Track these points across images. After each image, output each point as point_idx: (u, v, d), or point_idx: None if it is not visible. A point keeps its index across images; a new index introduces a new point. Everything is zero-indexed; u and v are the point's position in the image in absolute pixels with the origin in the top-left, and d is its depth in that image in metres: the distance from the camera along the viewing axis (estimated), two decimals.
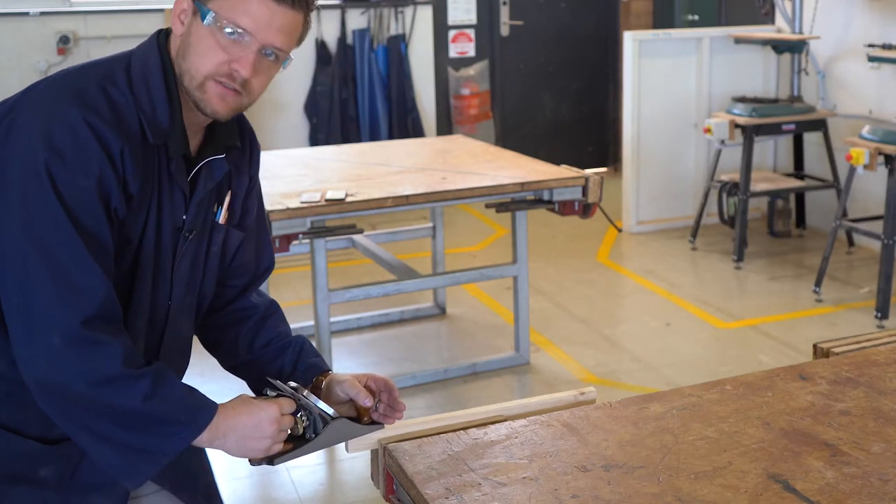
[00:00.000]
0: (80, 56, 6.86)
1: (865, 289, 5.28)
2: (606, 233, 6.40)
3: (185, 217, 1.65)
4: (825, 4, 6.01)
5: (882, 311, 4.78)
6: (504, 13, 7.95)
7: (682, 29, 7.80)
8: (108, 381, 1.48)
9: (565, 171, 4.13)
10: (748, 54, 6.55)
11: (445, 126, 7.74)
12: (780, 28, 6.45)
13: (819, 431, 1.63)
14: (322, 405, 1.65)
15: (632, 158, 6.44)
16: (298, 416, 1.63)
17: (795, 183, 6.17)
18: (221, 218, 1.73)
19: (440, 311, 5.04)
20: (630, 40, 6.30)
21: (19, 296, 1.49)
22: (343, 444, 1.68)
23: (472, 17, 7.82)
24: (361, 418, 1.71)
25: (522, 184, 3.99)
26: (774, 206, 6.26)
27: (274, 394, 1.65)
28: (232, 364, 1.87)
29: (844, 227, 5.29)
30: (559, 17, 8.10)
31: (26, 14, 6.75)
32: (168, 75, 1.60)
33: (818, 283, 5.17)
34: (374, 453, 1.67)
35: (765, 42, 6.23)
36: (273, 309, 1.89)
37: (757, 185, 5.90)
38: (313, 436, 1.64)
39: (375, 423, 1.71)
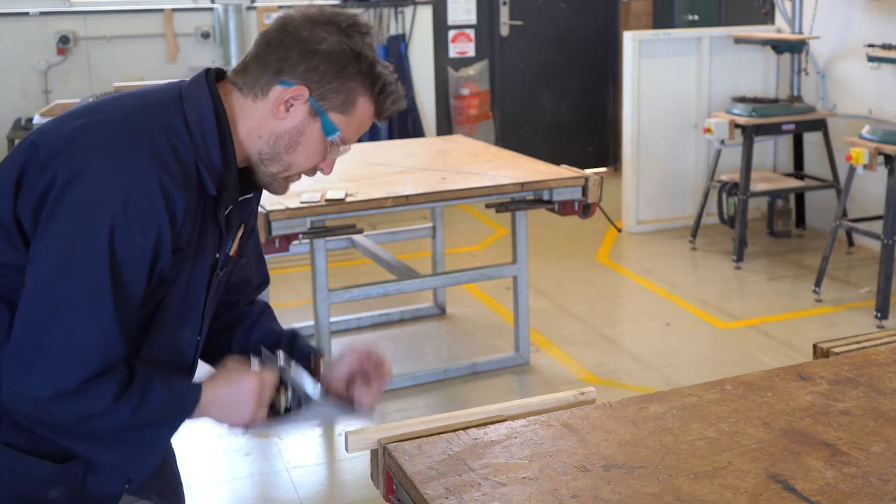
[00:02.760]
0: (80, 56, 6.87)
1: (865, 289, 5.28)
2: (606, 233, 6.40)
3: (218, 256, 1.67)
4: (825, 4, 6.01)
5: (882, 311, 4.78)
6: (504, 13, 7.95)
7: (682, 29, 7.80)
8: (95, 416, 1.50)
9: (565, 171, 4.13)
10: (748, 54, 6.55)
11: (445, 126, 7.74)
12: (780, 28, 6.45)
13: (819, 431, 1.63)
14: (308, 384, 1.68)
15: (632, 158, 6.44)
16: (282, 390, 1.66)
17: (795, 183, 6.17)
18: (232, 250, 1.73)
19: (440, 311, 5.04)
20: (630, 40, 6.30)
21: (31, 334, 1.47)
22: (343, 445, 1.68)
23: (472, 17, 7.82)
24: (353, 401, 1.75)
25: (522, 184, 3.99)
26: (774, 206, 6.26)
27: (259, 366, 1.68)
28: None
29: (844, 227, 5.29)
30: (559, 17, 8.11)
31: (26, 14, 6.75)
32: (222, 126, 1.59)
33: (818, 283, 5.17)
34: (374, 453, 1.67)
35: (765, 42, 6.24)
36: (265, 309, 1.91)
37: (757, 185, 5.90)
38: (293, 412, 1.68)
39: (361, 411, 1.75)
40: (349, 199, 3.73)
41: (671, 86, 6.42)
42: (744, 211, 5.76)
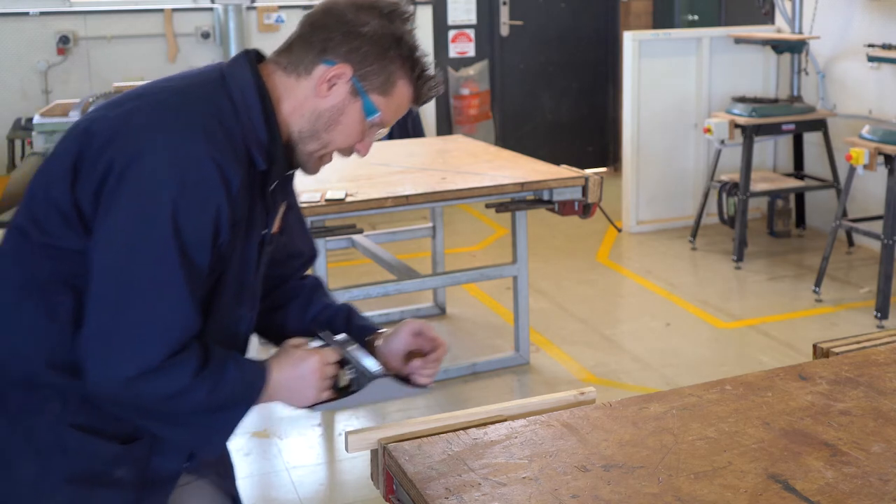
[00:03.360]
0: (80, 56, 6.87)
1: (865, 289, 5.28)
2: (606, 233, 6.40)
3: (265, 232, 1.70)
4: (825, 4, 6.01)
5: (882, 311, 4.78)
6: (504, 13, 7.95)
7: (682, 29, 7.80)
8: (176, 395, 1.53)
9: (565, 171, 4.13)
10: (748, 54, 6.55)
11: (445, 126, 7.74)
12: (780, 28, 6.45)
13: (819, 431, 1.63)
14: (369, 361, 1.72)
15: (632, 158, 6.44)
16: (343, 368, 1.70)
17: (795, 183, 6.17)
18: (275, 227, 1.76)
19: (440, 311, 5.04)
20: (630, 40, 6.30)
21: (109, 317, 1.50)
22: (343, 445, 1.68)
23: (472, 17, 7.82)
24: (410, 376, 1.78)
25: (522, 184, 3.99)
26: (774, 206, 6.26)
27: (319, 344, 1.72)
28: (283, 339, 1.89)
29: (844, 227, 5.28)
30: (559, 17, 8.11)
31: (26, 14, 6.75)
32: (266, 103, 1.62)
33: (818, 283, 5.17)
34: (374, 453, 1.67)
35: (765, 42, 6.24)
36: (318, 284, 1.94)
37: (757, 185, 5.90)
38: (356, 389, 1.71)
39: (419, 386, 1.77)
40: (349, 199, 3.73)
41: (671, 86, 6.42)
42: (744, 211, 5.76)
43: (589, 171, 4.16)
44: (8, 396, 1.58)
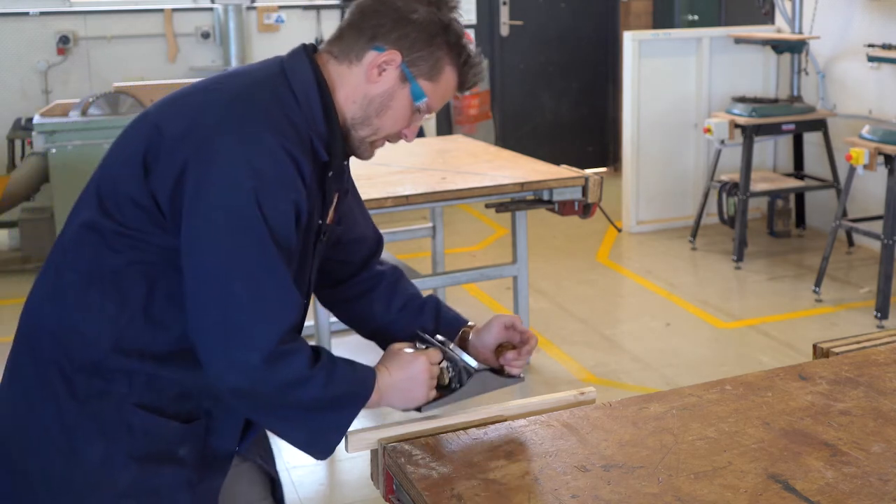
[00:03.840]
0: (80, 56, 6.87)
1: (865, 289, 5.28)
2: (606, 233, 6.40)
3: (321, 222, 1.72)
4: (825, 4, 6.01)
5: (882, 311, 4.78)
6: (504, 13, 7.95)
7: (682, 29, 7.80)
8: (296, 383, 1.55)
9: (565, 171, 4.13)
10: (748, 54, 6.55)
11: (445, 126, 7.74)
12: (780, 28, 6.45)
13: (819, 431, 1.63)
14: (466, 357, 1.76)
15: (632, 158, 6.44)
16: (444, 366, 1.74)
17: (795, 183, 6.17)
18: (329, 218, 1.78)
19: None
20: (630, 40, 6.30)
21: (218, 312, 1.53)
22: (343, 444, 1.68)
23: (472, 17, 7.82)
24: (503, 368, 1.81)
25: (522, 184, 3.99)
26: (774, 206, 6.26)
27: (423, 346, 1.76)
28: (370, 330, 1.94)
29: (844, 227, 5.29)
30: (559, 18, 8.11)
31: (26, 14, 6.75)
32: (324, 94, 1.65)
33: (818, 283, 5.17)
34: (374, 453, 1.68)
35: (765, 42, 6.24)
36: (399, 273, 1.97)
37: (757, 185, 5.90)
38: (458, 386, 1.75)
39: (514, 378, 1.81)
40: None
41: (671, 86, 6.42)
42: (744, 211, 5.76)
43: (589, 171, 4.16)
44: (74, 381, 1.61)
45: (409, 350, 1.72)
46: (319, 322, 4.03)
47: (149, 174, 1.57)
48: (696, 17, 8.09)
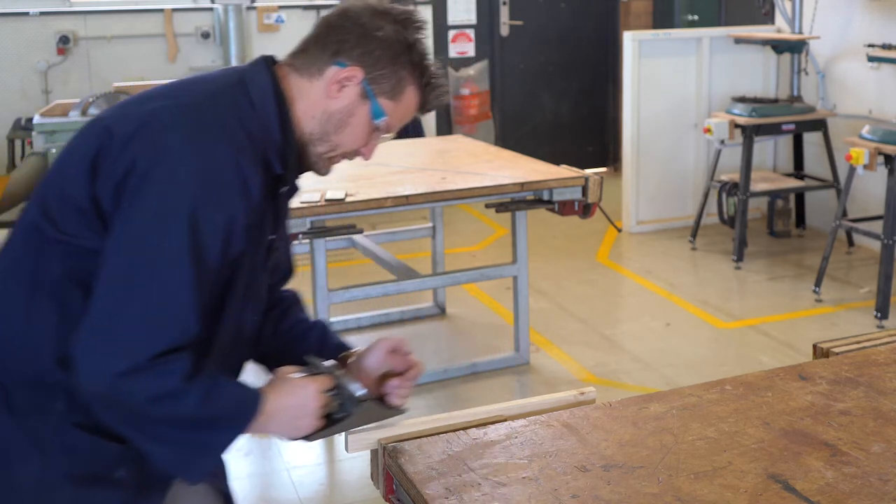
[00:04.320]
0: (80, 56, 6.87)
1: (865, 289, 5.28)
2: (606, 233, 6.40)
3: (271, 237, 1.70)
4: (825, 4, 6.01)
5: (882, 311, 4.78)
6: (504, 13, 7.95)
7: (682, 29, 7.80)
8: (166, 397, 1.48)
9: (565, 171, 4.13)
10: (748, 54, 6.55)
11: (445, 126, 7.74)
12: (780, 28, 6.45)
13: (819, 431, 1.63)
14: (353, 385, 1.67)
15: (632, 158, 6.44)
16: (332, 394, 1.64)
17: (795, 183, 6.17)
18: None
19: (440, 311, 5.04)
20: (630, 40, 6.30)
21: (105, 311, 1.48)
22: (343, 444, 1.69)
23: (471, 17, 7.82)
24: (383, 398, 1.73)
25: (522, 184, 3.99)
26: (774, 206, 6.26)
27: (311, 372, 1.67)
28: (258, 353, 1.88)
29: (844, 227, 5.29)
30: (559, 18, 8.10)
31: (26, 14, 6.75)
32: (282, 107, 1.64)
33: (818, 283, 5.17)
34: (374, 453, 1.67)
35: (765, 42, 6.23)
36: (295, 298, 1.93)
37: (757, 185, 5.90)
38: (343, 416, 1.65)
39: (396, 409, 1.72)
40: (349, 199, 3.73)
41: (671, 86, 6.42)
42: (744, 211, 5.76)
43: (589, 171, 4.16)
44: (14, 394, 1.57)
45: (299, 375, 1.65)
46: None
47: (96, 177, 1.53)
48: (696, 17, 8.09)
